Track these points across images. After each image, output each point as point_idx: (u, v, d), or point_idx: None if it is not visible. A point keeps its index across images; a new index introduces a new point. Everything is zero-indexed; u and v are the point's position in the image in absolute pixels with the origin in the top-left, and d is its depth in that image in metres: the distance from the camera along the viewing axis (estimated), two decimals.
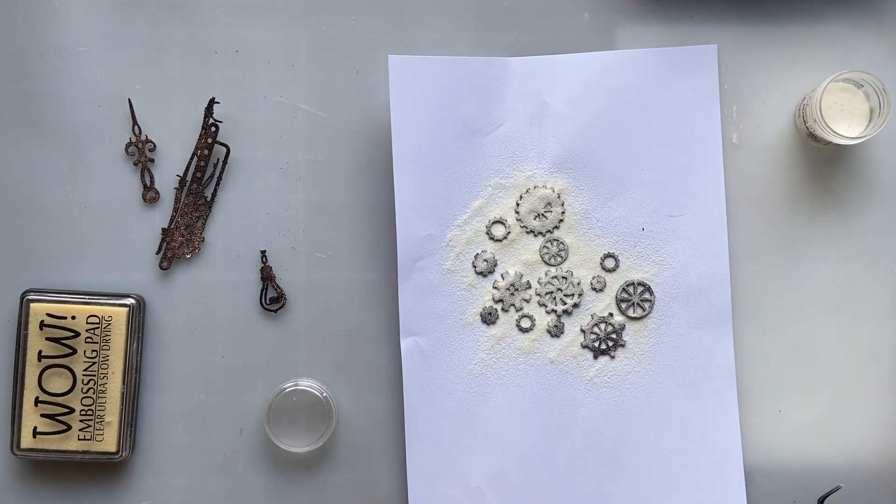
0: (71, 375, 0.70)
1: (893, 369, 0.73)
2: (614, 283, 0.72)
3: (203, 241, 0.73)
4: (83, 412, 0.71)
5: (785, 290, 0.73)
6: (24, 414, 0.70)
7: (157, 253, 0.73)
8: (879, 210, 0.74)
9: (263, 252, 0.73)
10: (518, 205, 0.72)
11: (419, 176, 0.72)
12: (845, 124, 0.70)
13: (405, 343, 0.71)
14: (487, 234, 0.72)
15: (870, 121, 0.70)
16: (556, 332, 0.72)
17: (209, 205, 0.73)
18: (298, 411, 0.71)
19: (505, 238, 0.72)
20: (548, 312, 0.72)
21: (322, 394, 0.71)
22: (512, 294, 0.72)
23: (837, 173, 0.74)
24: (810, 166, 0.74)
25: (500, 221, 0.72)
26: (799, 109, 0.73)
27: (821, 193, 0.74)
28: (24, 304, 0.70)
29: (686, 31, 0.74)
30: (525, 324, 0.72)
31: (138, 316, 0.71)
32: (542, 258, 0.72)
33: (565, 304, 0.72)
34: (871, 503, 0.73)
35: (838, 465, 0.73)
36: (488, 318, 0.72)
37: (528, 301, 0.72)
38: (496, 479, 0.71)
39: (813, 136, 0.72)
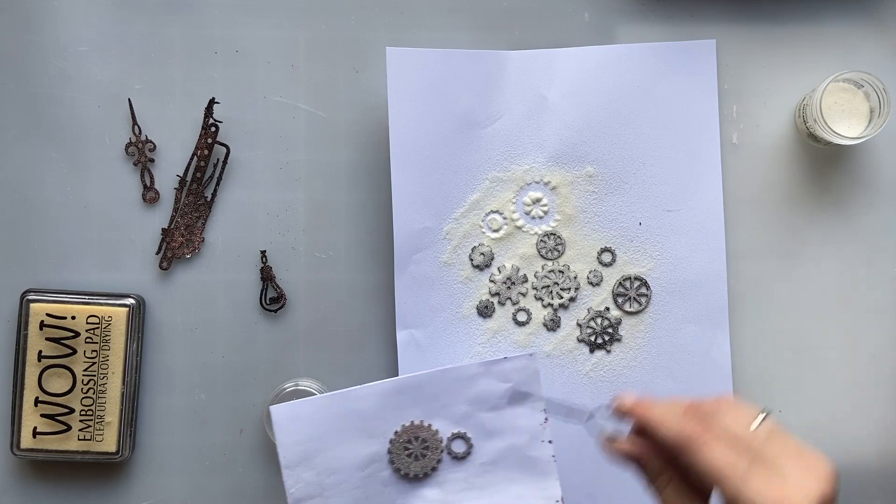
0: (71, 375, 0.70)
1: (893, 369, 0.73)
2: (611, 277, 0.72)
3: (203, 241, 0.73)
4: (83, 412, 0.71)
5: (785, 290, 0.73)
6: (24, 414, 0.70)
7: (157, 253, 0.73)
8: (879, 210, 0.74)
9: (263, 252, 0.73)
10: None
11: (416, 169, 0.72)
12: (845, 124, 0.70)
13: (401, 335, 0.71)
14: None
15: (870, 121, 0.70)
16: (552, 325, 0.72)
17: (209, 205, 0.73)
18: None
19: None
20: (544, 306, 0.72)
21: (322, 394, 0.71)
22: (508, 287, 0.72)
23: (837, 173, 0.74)
24: (810, 166, 0.74)
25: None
26: (799, 109, 0.73)
27: (821, 193, 0.74)
28: (24, 304, 0.70)
29: (686, 30, 0.74)
30: (521, 317, 0.72)
31: (138, 316, 0.71)
32: (539, 252, 0.72)
33: (562, 297, 0.72)
34: (871, 503, 0.73)
35: (838, 465, 0.72)
36: (485, 311, 0.72)
37: (524, 295, 0.72)
38: None
39: (813, 136, 0.72)
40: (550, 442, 0.66)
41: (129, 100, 0.73)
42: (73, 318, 0.70)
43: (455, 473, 0.66)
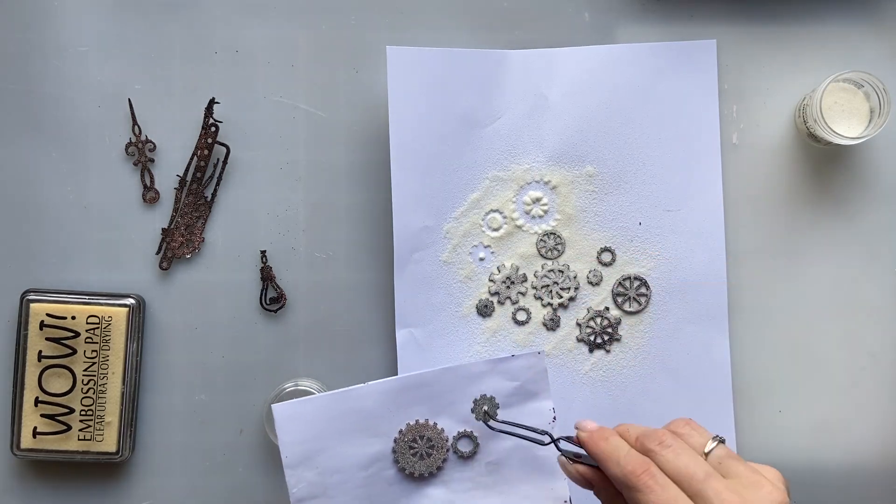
0: (71, 375, 0.70)
1: (893, 369, 0.73)
2: (611, 277, 0.72)
3: (203, 241, 0.73)
4: (83, 412, 0.71)
5: (785, 290, 0.73)
6: (24, 414, 0.70)
7: (157, 253, 0.73)
8: (879, 210, 0.74)
9: (263, 252, 0.73)
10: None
11: (416, 167, 0.72)
12: (845, 124, 0.70)
13: (401, 334, 0.71)
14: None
15: (870, 121, 0.70)
16: (551, 325, 0.72)
17: (209, 205, 0.73)
18: None
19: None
20: (544, 306, 0.72)
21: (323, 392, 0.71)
22: (508, 287, 0.72)
23: (837, 173, 0.74)
24: (810, 166, 0.74)
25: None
26: (799, 109, 0.73)
27: (821, 193, 0.74)
28: (24, 304, 0.70)
29: (686, 30, 0.74)
30: (521, 317, 0.72)
31: (138, 316, 0.71)
32: (539, 251, 0.72)
33: (561, 297, 0.72)
34: (871, 503, 0.73)
35: (838, 465, 0.73)
36: (484, 310, 0.72)
37: (524, 294, 0.72)
38: None
39: (813, 136, 0.72)
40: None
41: (129, 100, 0.73)
42: (73, 318, 0.70)
43: (461, 473, 0.66)
